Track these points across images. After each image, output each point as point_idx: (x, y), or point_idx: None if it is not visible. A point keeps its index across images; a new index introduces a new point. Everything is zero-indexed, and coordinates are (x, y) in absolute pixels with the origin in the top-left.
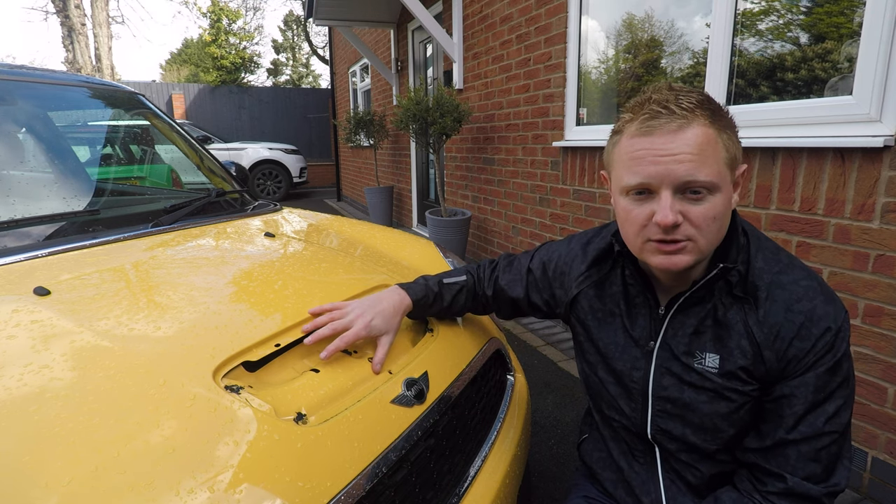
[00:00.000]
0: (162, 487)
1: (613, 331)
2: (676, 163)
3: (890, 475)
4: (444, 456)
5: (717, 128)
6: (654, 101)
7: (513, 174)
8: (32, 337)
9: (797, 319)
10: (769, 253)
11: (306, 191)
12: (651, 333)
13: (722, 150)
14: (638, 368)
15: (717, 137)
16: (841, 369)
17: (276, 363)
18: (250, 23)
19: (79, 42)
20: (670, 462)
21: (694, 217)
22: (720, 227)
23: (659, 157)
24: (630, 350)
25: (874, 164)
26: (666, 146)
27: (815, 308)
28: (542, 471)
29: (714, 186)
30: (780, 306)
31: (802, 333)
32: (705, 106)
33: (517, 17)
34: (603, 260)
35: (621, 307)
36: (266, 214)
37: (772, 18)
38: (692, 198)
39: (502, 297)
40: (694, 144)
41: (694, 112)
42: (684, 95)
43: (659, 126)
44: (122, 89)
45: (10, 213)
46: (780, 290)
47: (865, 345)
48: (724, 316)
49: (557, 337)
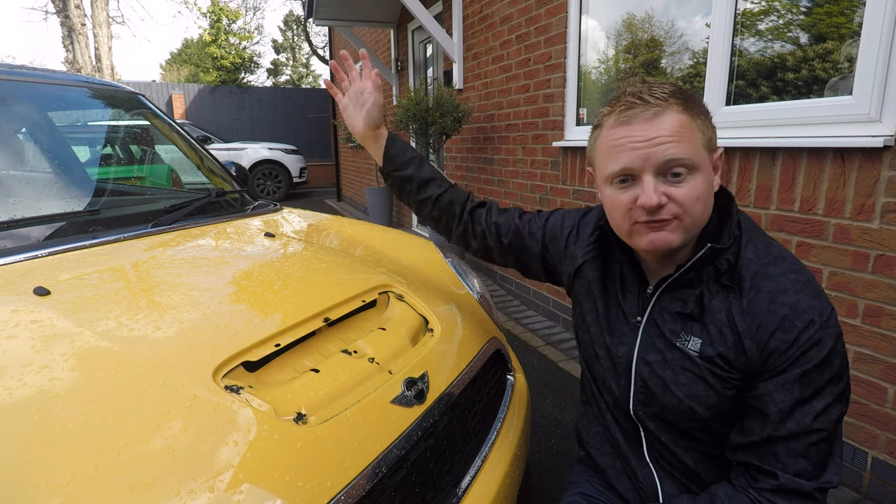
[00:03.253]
0: (162, 488)
1: (608, 306)
2: (655, 145)
3: (890, 475)
4: (444, 456)
5: (691, 114)
6: (630, 94)
7: (513, 174)
8: (32, 337)
9: (780, 311)
10: (760, 245)
11: (306, 191)
12: (639, 310)
13: (698, 133)
14: (624, 343)
15: (692, 122)
16: (830, 366)
17: (276, 363)
18: (250, 23)
19: (79, 42)
20: (654, 444)
21: (678, 197)
22: (704, 208)
23: (638, 143)
24: (620, 325)
25: (874, 164)
26: (644, 132)
27: (799, 301)
28: (542, 471)
29: (694, 166)
30: (765, 297)
31: (785, 325)
32: (678, 95)
33: (517, 17)
34: (605, 239)
35: (616, 284)
36: (266, 214)
37: (772, 18)
38: (673, 180)
39: (511, 226)
40: (670, 128)
41: (667, 100)
42: (657, 87)
43: (635, 115)
44: (122, 89)
45: (10, 213)
46: (766, 281)
47: (865, 345)
48: (709, 302)
49: (557, 337)
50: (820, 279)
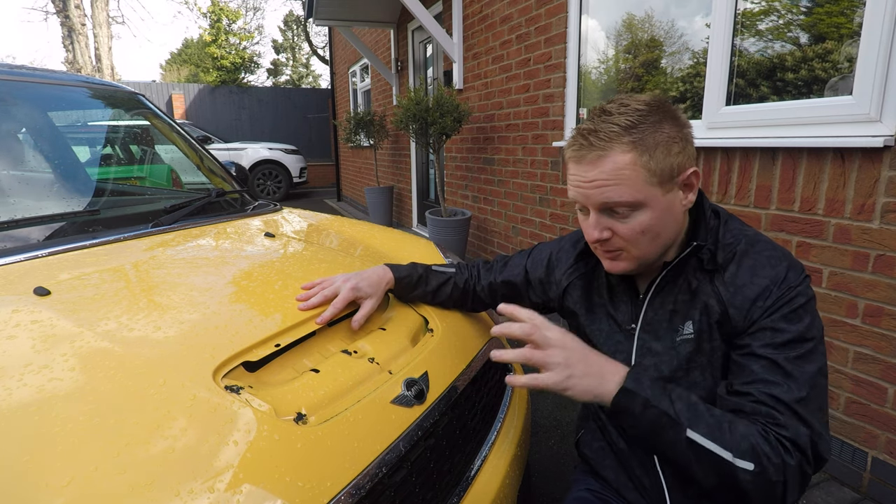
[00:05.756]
0: (162, 488)
1: (599, 319)
2: (594, 188)
3: (890, 475)
4: (444, 456)
5: (639, 151)
6: (583, 130)
7: (513, 174)
8: (32, 337)
9: (761, 283)
10: (737, 231)
11: (306, 191)
12: (632, 317)
13: (642, 171)
14: (621, 352)
15: (638, 160)
16: (799, 320)
17: (276, 363)
18: (250, 23)
19: (79, 42)
20: None
21: (621, 232)
22: (654, 237)
23: (582, 182)
24: (614, 335)
25: (874, 164)
26: (587, 174)
27: (778, 273)
28: (542, 471)
29: (635, 205)
30: (747, 271)
31: (765, 294)
32: (629, 131)
33: (517, 17)
34: (589, 254)
35: (605, 297)
36: (266, 214)
37: (772, 18)
38: (618, 215)
39: (500, 287)
40: (609, 171)
41: (612, 141)
42: (607, 124)
43: (581, 156)
44: (122, 89)
45: (10, 213)
46: (746, 258)
47: (865, 345)
48: (696, 288)
49: None
50: (820, 279)
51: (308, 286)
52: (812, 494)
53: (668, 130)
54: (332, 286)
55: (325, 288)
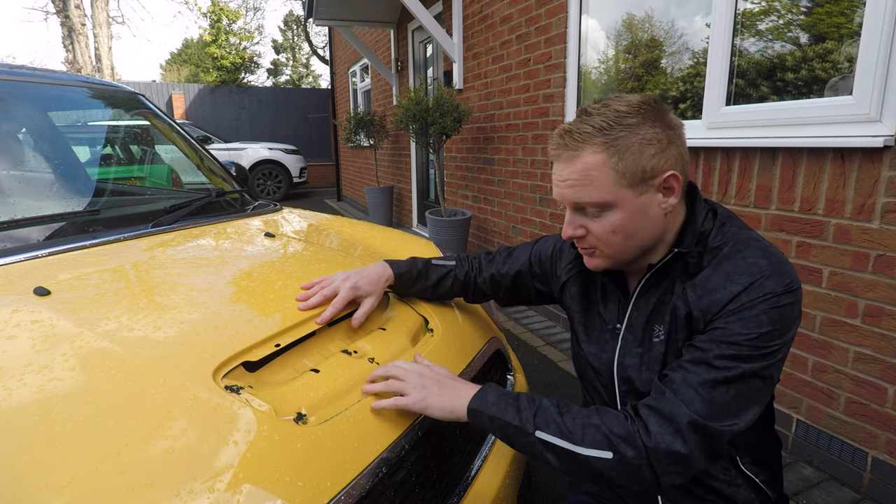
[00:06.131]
0: (162, 488)
1: (593, 316)
2: (567, 187)
3: (890, 475)
4: (444, 456)
5: (610, 153)
6: (561, 130)
7: (513, 174)
8: (33, 337)
9: (733, 289)
10: (729, 234)
11: (306, 191)
12: (619, 316)
13: (611, 173)
14: (606, 350)
15: (608, 160)
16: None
17: (276, 363)
18: (250, 23)
19: (79, 42)
20: None
21: (593, 230)
22: (627, 237)
23: (558, 181)
24: (604, 333)
25: (874, 164)
26: (561, 173)
27: (755, 281)
28: (542, 471)
29: (605, 205)
30: (721, 276)
31: (735, 300)
32: (603, 133)
33: (517, 17)
34: None
35: (598, 295)
36: (266, 214)
37: (772, 18)
38: (592, 214)
39: (503, 278)
40: (579, 171)
41: (585, 142)
42: (583, 124)
43: (558, 155)
44: (122, 89)
45: (10, 213)
46: (725, 263)
47: (865, 345)
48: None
49: (557, 337)
50: (820, 279)
51: (307, 286)
52: (812, 494)
53: (646, 133)
54: (332, 285)
55: (324, 287)
